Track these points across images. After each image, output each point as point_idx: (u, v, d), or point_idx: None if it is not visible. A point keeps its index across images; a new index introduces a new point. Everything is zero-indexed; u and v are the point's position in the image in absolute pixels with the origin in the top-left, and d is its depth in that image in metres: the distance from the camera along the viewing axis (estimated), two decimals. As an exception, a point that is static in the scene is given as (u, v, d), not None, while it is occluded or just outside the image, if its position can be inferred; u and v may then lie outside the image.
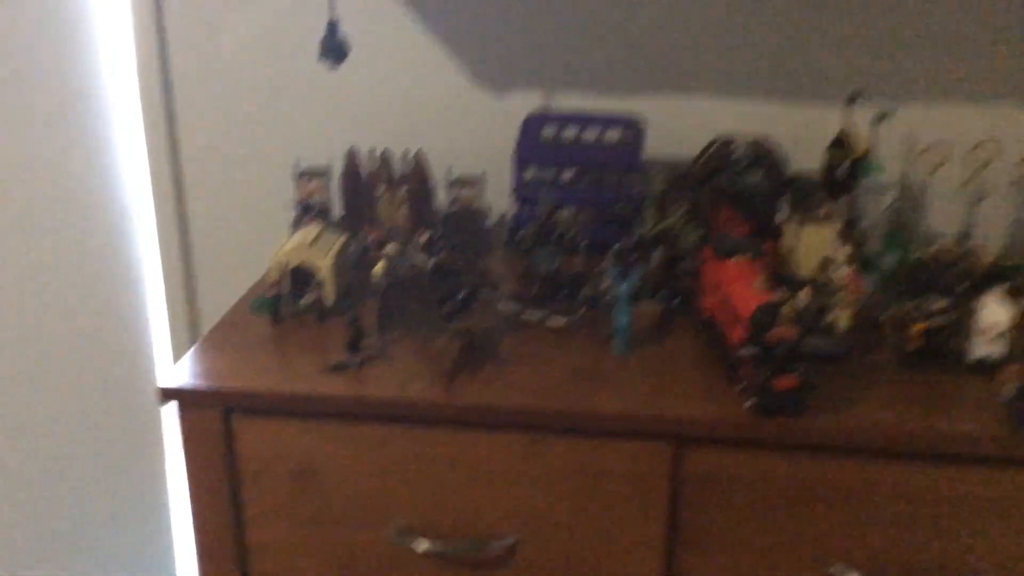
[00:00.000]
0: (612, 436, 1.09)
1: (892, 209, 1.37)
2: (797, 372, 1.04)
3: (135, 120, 1.66)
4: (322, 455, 1.14)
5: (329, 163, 1.50)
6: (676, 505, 1.11)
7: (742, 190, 1.39)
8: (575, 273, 1.31)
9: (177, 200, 1.68)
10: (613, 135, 1.46)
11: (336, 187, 1.52)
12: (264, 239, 1.64)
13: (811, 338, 1.07)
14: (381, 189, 1.50)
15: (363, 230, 1.45)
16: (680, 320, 1.27)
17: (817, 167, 1.37)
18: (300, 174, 1.50)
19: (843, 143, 1.35)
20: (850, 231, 1.28)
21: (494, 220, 1.52)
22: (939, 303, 1.15)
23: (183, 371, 1.15)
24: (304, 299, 1.29)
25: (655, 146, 1.46)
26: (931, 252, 1.31)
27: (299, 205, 1.50)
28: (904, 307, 1.17)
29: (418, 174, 1.50)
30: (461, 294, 1.20)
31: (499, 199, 1.50)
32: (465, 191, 1.48)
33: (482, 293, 1.23)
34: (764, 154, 1.38)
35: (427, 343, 1.20)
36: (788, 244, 1.28)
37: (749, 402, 1.06)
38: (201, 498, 1.17)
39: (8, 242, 1.52)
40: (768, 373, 1.04)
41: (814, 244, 1.24)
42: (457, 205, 1.45)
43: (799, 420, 1.05)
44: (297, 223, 1.48)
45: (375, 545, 1.17)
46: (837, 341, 1.16)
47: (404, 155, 1.50)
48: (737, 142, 1.39)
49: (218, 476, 1.15)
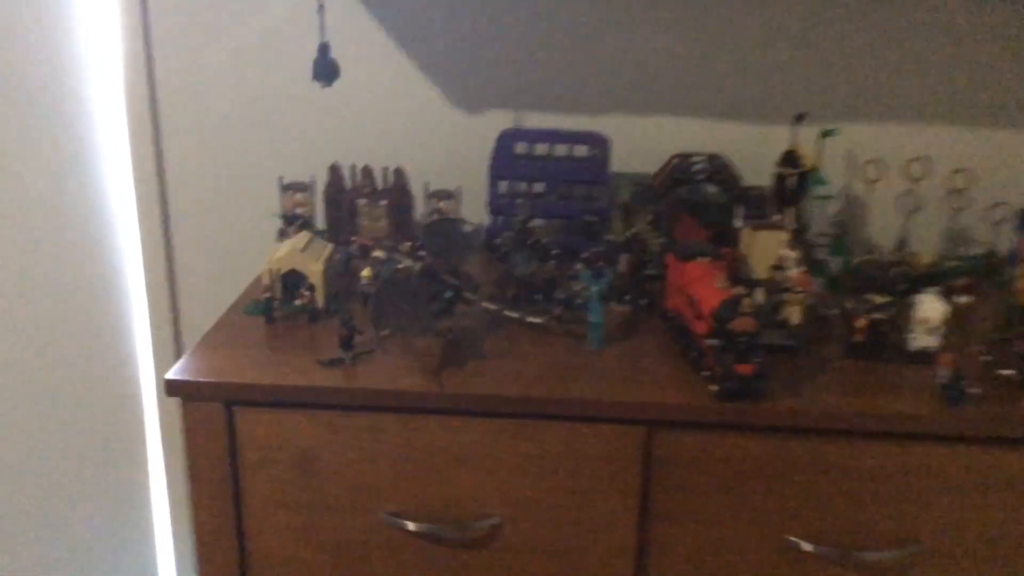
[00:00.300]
0: (589, 421, 1.19)
1: (837, 218, 1.50)
2: (756, 360, 1.15)
3: (121, 135, 1.72)
4: (318, 444, 1.22)
5: (313, 177, 1.58)
6: (648, 484, 1.21)
7: (700, 201, 1.51)
8: (549, 277, 1.41)
9: (162, 212, 1.74)
10: (581, 151, 1.57)
11: (319, 200, 1.61)
12: (248, 249, 1.72)
13: (767, 332, 1.18)
14: (363, 202, 1.59)
15: (350, 239, 1.54)
16: (646, 319, 1.38)
17: (768, 180, 1.50)
18: (285, 187, 1.58)
19: (792, 159, 1.48)
20: (799, 237, 1.40)
21: (470, 230, 1.61)
22: (881, 300, 1.27)
23: (186, 367, 1.22)
24: (296, 302, 1.37)
25: (620, 161, 1.57)
26: (872, 257, 1.44)
27: (284, 217, 1.58)
28: (849, 303, 1.29)
29: (398, 188, 1.59)
30: (447, 295, 1.29)
31: (475, 211, 1.59)
32: (443, 203, 1.58)
33: (466, 294, 1.33)
34: (720, 168, 1.50)
35: (415, 340, 1.29)
36: (744, 249, 1.40)
37: (713, 388, 1.17)
38: (202, 488, 1.24)
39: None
40: (730, 361, 1.15)
41: (767, 248, 1.36)
42: (437, 215, 1.55)
43: (758, 404, 1.16)
44: (282, 234, 1.56)
45: (368, 528, 1.25)
46: (790, 334, 1.28)
47: (385, 170, 1.59)
48: (695, 158, 1.52)
49: (219, 466, 1.22)
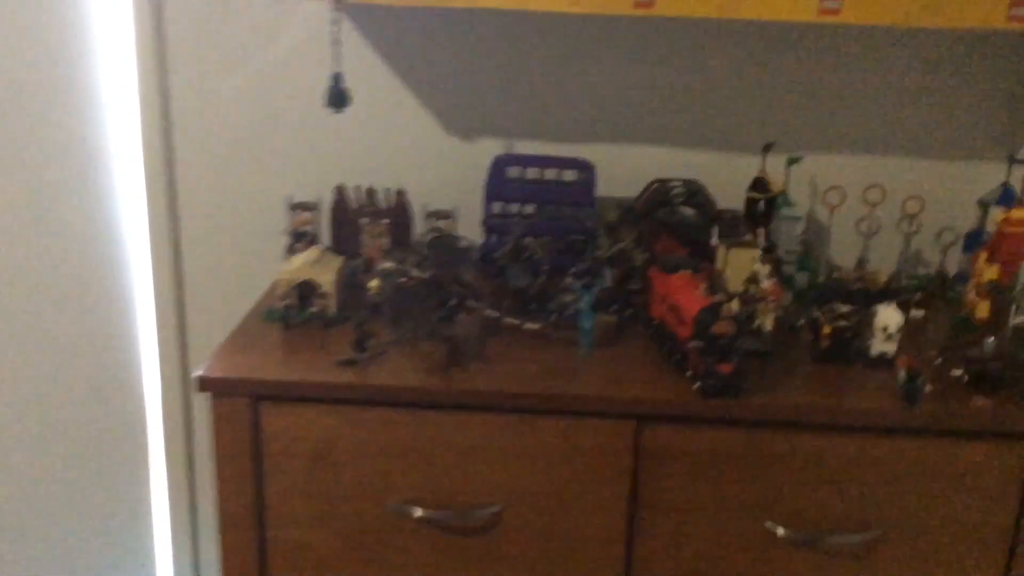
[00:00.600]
0: (583, 416, 1.31)
1: (802, 237, 1.64)
2: (734, 360, 1.28)
3: (135, 155, 1.81)
4: (335, 437, 1.33)
5: (319, 198, 1.70)
6: (636, 474, 1.33)
7: (679, 222, 1.65)
8: (542, 289, 1.53)
9: (173, 228, 1.83)
10: (569, 175, 1.69)
11: (325, 219, 1.72)
12: (255, 264, 1.82)
13: (744, 338, 1.32)
14: (365, 220, 1.70)
15: (357, 253, 1.65)
16: (631, 328, 1.50)
17: (740, 203, 1.64)
18: (293, 207, 1.69)
19: (761, 184, 1.63)
20: (769, 254, 1.54)
21: (467, 246, 1.72)
22: (844, 309, 1.41)
23: (215, 366, 1.33)
24: (310, 309, 1.48)
25: (604, 185, 1.70)
26: (835, 275, 1.59)
27: (292, 234, 1.69)
28: (816, 313, 1.43)
29: (399, 208, 1.71)
30: (452, 303, 1.41)
31: (470, 229, 1.71)
32: (441, 222, 1.70)
33: (469, 303, 1.45)
34: (696, 192, 1.65)
35: (423, 343, 1.40)
36: (719, 265, 1.53)
37: (696, 386, 1.30)
38: (227, 478, 1.33)
39: (10, 260, 1.67)
40: (712, 361, 1.28)
41: (740, 264, 1.50)
42: (436, 233, 1.66)
43: (737, 400, 1.29)
44: (290, 250, 1.67)
45: (378, 516, 1.35)
46: (764, 340, 1.41)
47: (387, 191, 1.71)
48: (673, 183, 1.66)
49: (244, 457, 1.32)
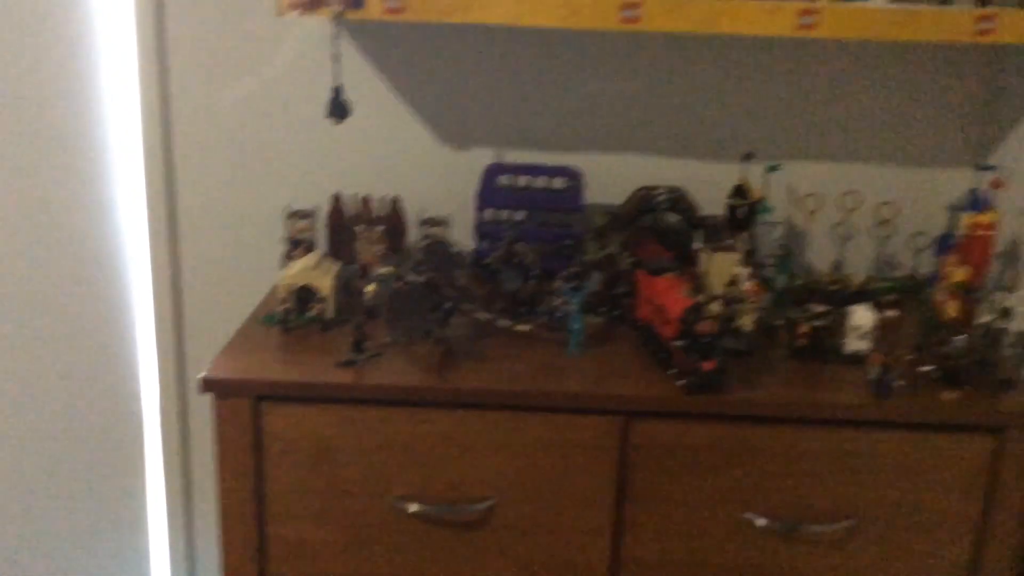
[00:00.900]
0: (573, 412, 1.37)
1: (781, 242, 1.71)
2: (717, 357, 1.35)
3: (136, 164, 1.86)
4: (334, 435, 1.38)
5: (316, 206, 1.76)
6: (624, 468, 1.39)
7: (663, 228, 1.72)
8: (533, 292, 1.59)
9: (172, 234, 1.88)
10: (558, 183, 1.75)
11: (322, 226, 1.77)
12: (253, 270, 1.87)
13: (726, 337, 1.38)
14: (361, 228, 1.76)
15: (354, 259, 1.71)
16: (618, 329, 1.56)
17: (722, 210, 1.71)
18: (290, 214, 1.75)
19: (742, 191, 1.70)
20: (749, 258, 1.61)
21: (460, 251, 1.77)
22: (820, 309, 1.48)
23: (218, 367, 1.38)
24: (309, 313, 1.54)
25: (592, 193, 1.77)
26: (813, 278, 1.66)
27: (289, 241, 1.75)
28: (793, 313, 1.50)
29: (394, 215, 1.77)
30: (447, 305, 1.47)
31: (462, 236, 1.77)
32: (434, 229, 1.76)
33: (463, 305, 1.51)
34: (680, 199, 1.71)
35: (419, 344, 1.46)
36: (702, 268, 1.60)
37: (681, 383, 1.36)
38: (229, 476, 1.39)
39: (12, 266, 1.72)
40: (696, 358, 1.34)
41: (722, 267, 1.57)
42: (430, 239, 1.72)
43: (719, 397, 1.36)
44: (287, 256, 1.73)
45: (376, 511, 1.41)
46: (745, 339, 1.47)
47: (382, 200, 1.77)
48: (658, 190, 1.72)
49: (246, 456, 1.38)
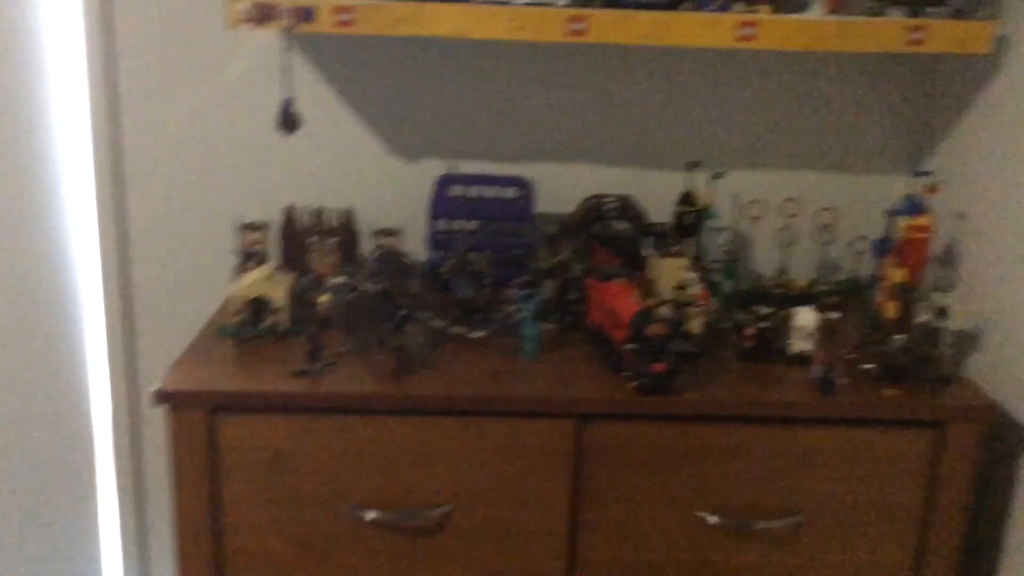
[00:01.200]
0: (527, 417, 1.39)
1: (727, 247, 1.75)
2: (667, 360, 1.38)
3: (87, 175, 1.84)
4: (291, 445, 1.38)
5: (269, 218, 1.76)
6: (578, 470, 1.41)
7: (613, 235, 1.75)
8: (486, 300, 1.61)
9: (123, 249, 1.87)
10: (509, 193, 1.78)
11: (275, 238, 1.78)
12: (206, 283, 1.86)
13: (675, 340, 1.41)
14: (314, 239, 1.77)
15: (308, 270, 1.71)
16: (570, 335, 1.59)
17: (669, 217, 1.75)
18: (243, 226, 1.75)
19: (688, 199, 1.74)
20: (697, 263, 1.64)
21: (413, 261, 1.78)
22: (765, 311, 1.52)
23: (172, 379, 1.38)
24: (263, 324, 1.54)
25: (543, 202, 1.79)
26: (758, 282, 1.71)
27: (242, 253, 1.75)
28: (740, 316, 1.54)
29: (346, 227, 1.78)
30: (401, 314, 1.48)
31: (415, 246, 1.78)
32: (388, 240, 1.77)
33: (417, 314, 1.52)
34: (629, 207, 1.75)
35: (374, 353, 1.47)
36: (651, 274, 1.64)
37: (633, 385, 1.39)
38: (185, 489, 1.38)
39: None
40: (647, 361, 1.37)
41: (671, 272, 1.60)
42: (383, 250, 1.74)
43: (670, 397, 1.39)
44: (241, 268, 1.73)
45: (334, 520, 1.41)
46: (694, 342, 1.51)
47: (335, 211, 1.78)
48: (607, 198, 1.76)
49: (201, 468, 1.37)
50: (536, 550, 1.44)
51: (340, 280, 1.55)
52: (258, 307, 1.55)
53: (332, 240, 1.76)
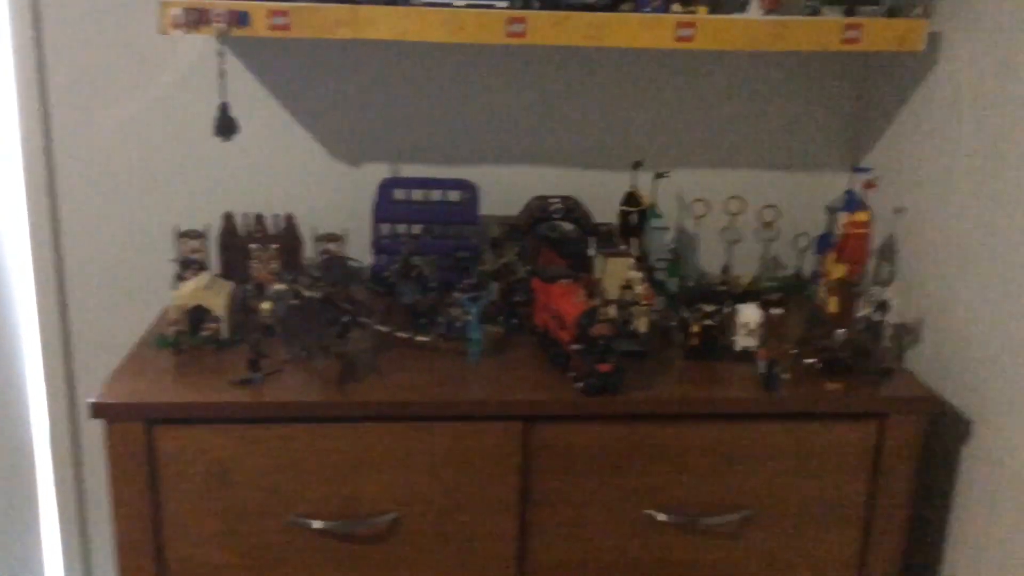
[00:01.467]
0: (474, 420, 1.38)
1: (672, 246, 1.76)
2: (612, 360, 1.38)
3: (17, 185, 1.80)
4: (232, 456, 1.36)
5: (208, 225, 1.73)
6: (526, 472, 1.40)
7: (559, 236, 1.75)
8: (431, 304, 1.60)
9: (57, 260, 1.82)
10: (453, 196, 1.77)
11: (214, 245, 1.74)
12: (144, 293, 1.82)
13: (621, 340, 1.41)
14: (255, 246, 1.74)
15: (248, 277, 1.68)
16: (517, 337, 1.58)
17: (614, 217, 1.75)
18: (181, 235, 1.72)
19: (632, 199, 1.75)
20: (642, 262, 1.65)
21: (357, 267, 1.76)
22: (710, 308, 1.53)
23: (107, 392, 1.34)
24: (203, 334, 1.51)
25: (487, 204, 1.79)
26: (703, 280, 1.72)
27: (180, 262, 1.71)
28: (686, 314, 1.54)
29: (288, 233, 1.76)
30: (344, 319, 1.46)
31: (360, 251, 1.76)
32: (331, 245, 1.75)
33: (360, 319, 1.50)
34: (573, 208, 1.75)
35: (317, 360, 1.45)
36: (597, 274, 1.63)
37: (579, 385, 1.39)
38: (124, 502, 1.35)
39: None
40: (592, 361, 1.37)
41: (616, 272, 1.60)
42: (327, 255, 1.72)
43: (616, 397, 1.38)
44: (179, 278, 1.69)
45: (279, 530, 1.39)
46: (640, 341, 1.51)
47: (276, 217, 1.75)
48: (552, 199, 1.75)
49: (140, 481, 1.34)
50: (486, 553, 1.43)
51: (281, 287, 1.53)
52: (197, 316, 1.52)
53: (273, 247, 1.74)
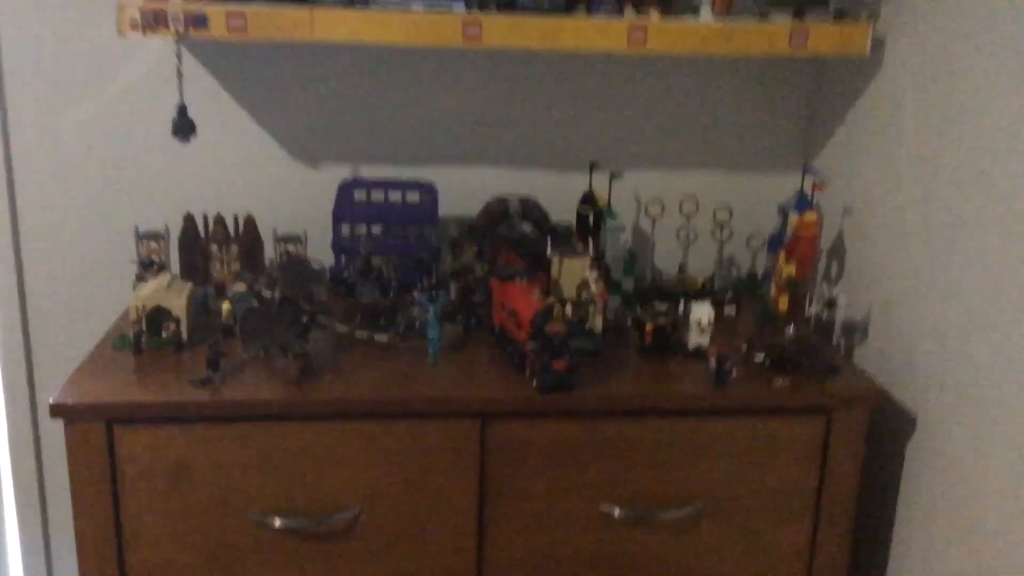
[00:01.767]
0: (432, 418, 1.40)
1: (628, 246, 1.79)
2: (568, 358, 1.41)
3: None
4: (192, 455, 1.37)
5: (167, 226, 1.73)
6: (484, 468, 1.43)
7: (517, 236, 1.78)
8: (390, 304, 1.62)
9: (17, 261, 1.82)
10: (413, 197, 1.79)
11: (174, 246, 1.75)
12: (104, 294, 1.82)
13: (576, 338, 1.45)
14: (215, 247, 1.75)
15: (207, 278, 1.69)
16: (476, 336, 1.61)
17: (571, 217, 1.78)
18: (140, 236, 1.72)
19: (589, 199, 1.78)
20: (598, 262, 1.68)
21: (318, 267, 1.77)
22: (663, 307, 1.56)
23: (67, 392, 1.35)
24: (162, 335, 1.52)
25: (446, 205, 1.81)
26: (658, 280, 1.75)
27: (140, 263, 1.71)
28: (639, 312, 1.58)
29: (248, 234, 1.76)
30: (304, 319, 1.48)
31: (320, 252, 1.77)
32: (291, 246, 1.76)
33: (320, 319, 1.52)
34: (531, 209, 1.78)
35: (277, 359, 1.46)
36: (555, 274, 1.66)
37: (534, 383, 1.42)
38: (84, 503, 1.35)
39: None
40: (547, 359, 1.40)
41: (573, 272, 1.63)
42: (287, 256, 1.73)
43: (571, 394, 1.41)
44: (139, 279, 1.69)
45: (239, 529, 1.40)
46: (595, 340, 1.54)
47: (236, 218, 1.76)
48: (510, 200, 1.78)
49: (100, 481, 1.35)
50: (445, 549, 1.45)
51: (242, 288, 1.55)
52: (157, 317, 1.53)
53: (233, 248, 1.75)
